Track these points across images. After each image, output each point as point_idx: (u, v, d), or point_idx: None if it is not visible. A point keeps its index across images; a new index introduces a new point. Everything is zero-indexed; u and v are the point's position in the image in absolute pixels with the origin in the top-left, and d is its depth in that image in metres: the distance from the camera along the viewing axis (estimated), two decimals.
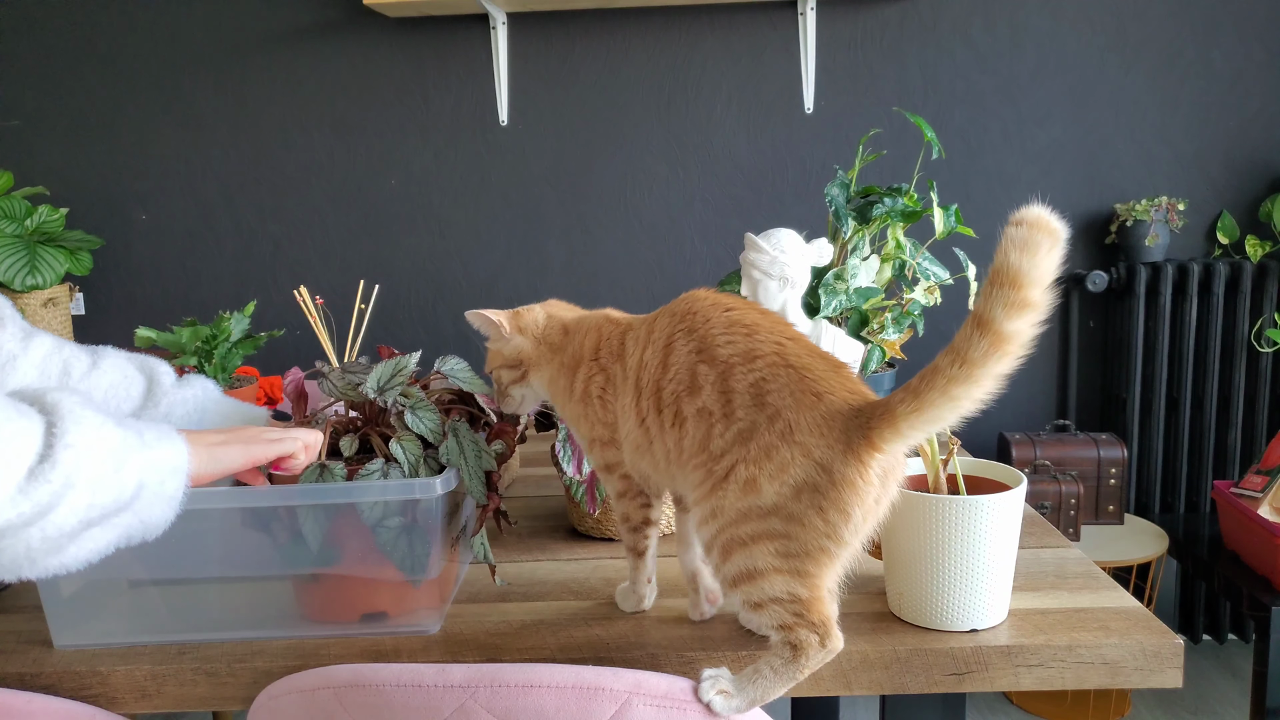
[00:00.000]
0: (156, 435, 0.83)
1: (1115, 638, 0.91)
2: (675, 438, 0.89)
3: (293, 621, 1.00)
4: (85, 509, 0.75)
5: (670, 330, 0.92)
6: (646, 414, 0.92)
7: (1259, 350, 2.55)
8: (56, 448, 0.73)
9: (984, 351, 0.73)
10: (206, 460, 0.88)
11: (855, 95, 2.64)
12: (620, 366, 0.97)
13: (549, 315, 1.07)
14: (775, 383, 0.83)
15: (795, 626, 0.82)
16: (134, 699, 0.94)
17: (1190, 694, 2.47)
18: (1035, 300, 0.72)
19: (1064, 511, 2.30)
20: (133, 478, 0.78)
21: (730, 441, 0.84)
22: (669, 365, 0.90)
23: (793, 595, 0.82)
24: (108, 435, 0.77)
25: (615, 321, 1.02)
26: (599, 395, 0.99)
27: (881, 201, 1.46)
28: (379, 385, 1.02)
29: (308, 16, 2.68)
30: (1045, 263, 0.71)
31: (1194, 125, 2.61)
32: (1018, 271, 0.71)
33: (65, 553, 0.76)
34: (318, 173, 2.75)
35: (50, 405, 0.76)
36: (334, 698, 0.83)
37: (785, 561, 0.82)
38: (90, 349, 1.15)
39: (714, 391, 0.86)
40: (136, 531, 0.82)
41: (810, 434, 0.81)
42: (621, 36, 2.65)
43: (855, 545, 0.82)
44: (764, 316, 0.90)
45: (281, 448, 0.94)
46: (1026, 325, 0.73)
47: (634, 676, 0.80)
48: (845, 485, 0.80)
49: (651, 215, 2.72)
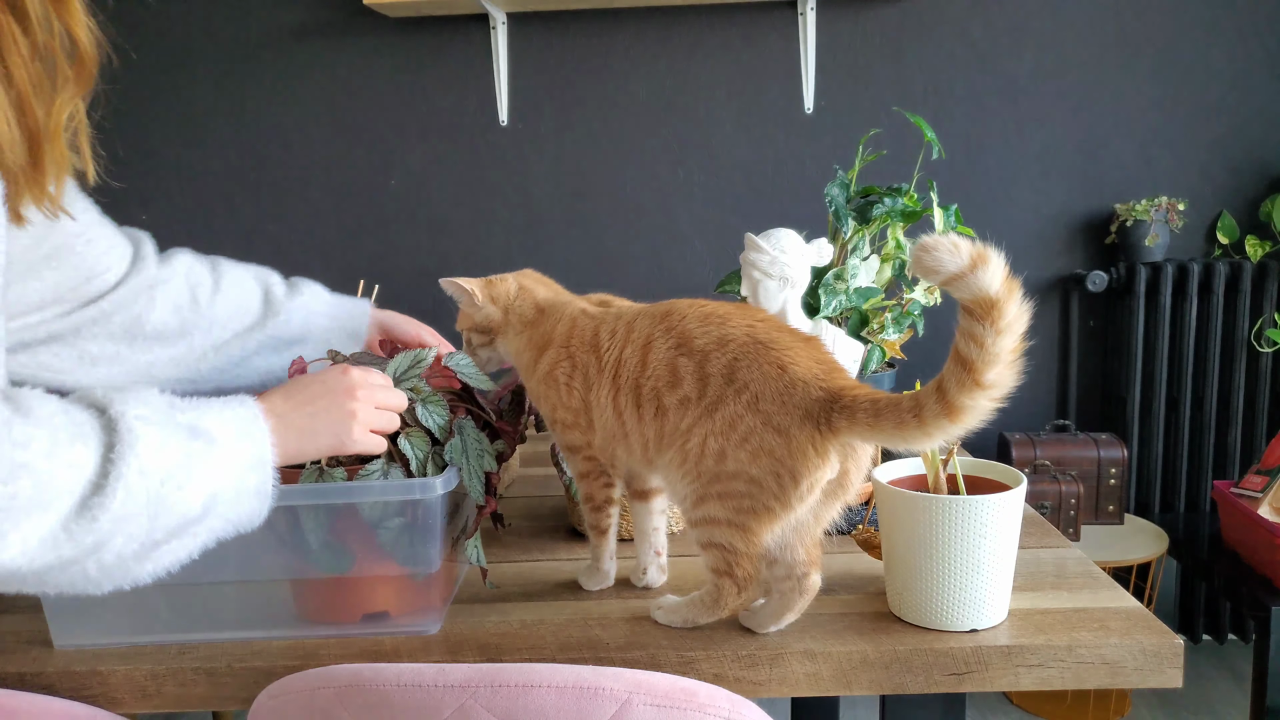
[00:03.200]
0: (235, 430, 0.80)
1: (1115, 638, 0.91)
2: (656, 428, 0.96)
3: (293, 621, 1.00)
4: (145, 534, 0.73)
5: (649, 330, 0.98)
6: (624, 408, 0.98)
7: (1259, 350, 2.55)
8: (110, 478, 0.71)
9: (936, 415, 0.80)
10: (294, 447, 0.86)
11: (855, 95, 2.64)
12: (594, 358, 1.02)
13: (521, 287, 1.14)
14: (745, 359, 0.90)
15: (721, 574, 0.93)
16: (134, 699, 0.94)
17: (1190, 694, 2.47)
18: (991, 380, 0.77)
19: (1064, 511, 2.30)
20: (201, 493, 0.76)
21: (698, 416, 0.92)
22: (648, 363, 0.96)
23: (731, 546, 0.92)
24: (171, 453, 0.74)
25: (590, 315, 1.07)
26: (565, 381, 1.04)
27: (881, 201, 1.46)
28: (395, 376, 1.02)
29: (308, 16, 2.68)
30: (997, 344, 0.75)
31: (1194, 125, 2.61)
32: (969, 359, 0.77)
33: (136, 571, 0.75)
34: (318, 173, 2.74)
35: (113, 419, 0.73)
36: (334, 698, 0.83)
37: (736, 515, 0.91)
38: (212, 265, 1.19)
39: (693, 380, 0.93)
40: (226, 531, 0.80)
41: (772, 402, 0.88)
42: (621, 36, 2.65)
43: (799, 512, 0.90)
44: (737, 308, 0.97)
45: (369, 443, 0.91)
46: (984, 400, 0.78)
47: (634, 676, 0.81)
48: (798, 452, 0.87)
49: (651, 215, 2.72)
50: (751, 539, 0.91)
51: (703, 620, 0.97)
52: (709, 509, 0.92)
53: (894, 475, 1.00)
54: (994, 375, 0.77)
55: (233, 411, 0.82)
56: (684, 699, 0.81)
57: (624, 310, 1.06)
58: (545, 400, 1.07)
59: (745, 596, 0.94)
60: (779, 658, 0.92)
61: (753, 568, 0.93)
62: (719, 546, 0.93)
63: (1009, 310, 0.75)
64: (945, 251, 0.74)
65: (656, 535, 1.09)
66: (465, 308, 1.17)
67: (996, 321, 0.75)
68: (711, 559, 0.94)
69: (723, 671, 0.92)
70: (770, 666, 0.92)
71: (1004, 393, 0.78)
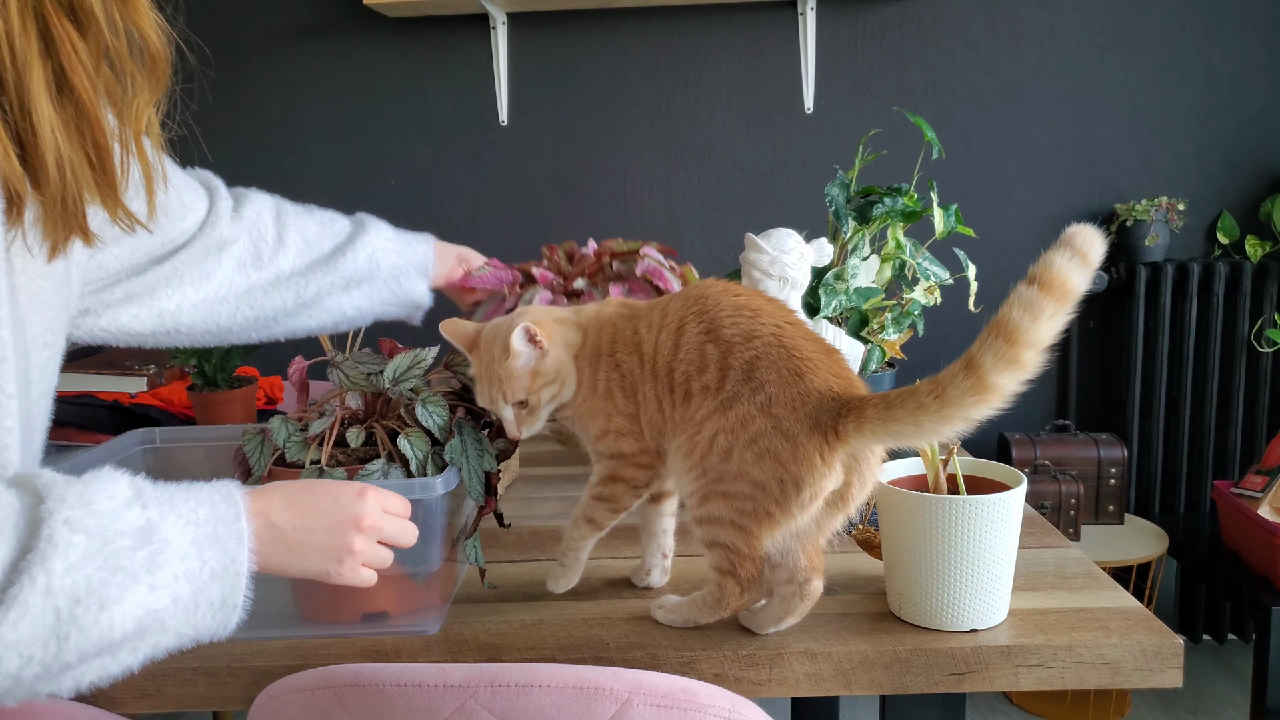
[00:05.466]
0: (203, 534, 0.69)
1: (1115, 638, 0.91)
2: (684, 414, 0.94)
3: (293, 621, 1.00)
4: (50, 658, 0.64)
5: (682, 313, 0.96)
6: (662, 396, 0.96)
7: (1259, 350, 2.55)
8: (8, 595, 0.62)
9: (963, 393, 0.78)
10: (278, 562, 0.75)
11: (855, 95, 2.64)
12: (636, 357, 0.99)
13: (556, 320, 1.03)
14: (766, 360, 0.89)
15: (724, 574, 0.93)
16: (134, 699, 0.94)
17: (1190, 694, 2.47)
18: (1027, 360, 0.76)
19: (1064, 511, 2.30)
20: (133, 611, 0.66)
21: (712, 409, 0.91)
22: (680, 346, 0.95)
23: (734, 546, 0.91)
24: (96, 567, 0.64)
25: (628, 311, 1.03)
26: (620, 387, 0.99)
27: (881, 201, 1.46)
28: (395, 376, 1.02)
29: (308, 16, 2.68)
30: (1046, 327, 0.75)
31: (1194, 125, 2.61)
32: (1015, 329, 0.75)
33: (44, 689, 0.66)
34: (318, 173, 2.74)
35: (38, 520, 0.64)
36: (334, 697, 0.83)
37: (739, 517, 0.90)
38: (276, 212, 1.22)
39: (715, 369, 0.92)
40: (180, 644, 0.71)
41: (785, 408, 0.87)
42: (621, 36, 2.65)
43: (800, 520, 0.89)
44: (770, 303, 0.95)
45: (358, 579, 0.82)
46: (1013, 381, 0.77)
47: (634, 676, 0.81)
48: (804, 460, 0.86)
49: (651, 215, 2.72)
50: (753, 542, 0.91)
51: (705, 620, 0.96)
52: (713, 507, 0.92)
53: (894, 475, 1.00)
54: (1031, 355, 0.76)
55: (209, 509, 0.72)
56: (684, 699, 0.81)
57: (658, 300, 1.03)
58: (599, 416, 1.01)
59: (748, 597, 0.93)
60: (779, 658, 0.92)
61: (755, 569, 0.92)
62: (722, 546, 0.92)
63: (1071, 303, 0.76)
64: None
65: (665, 537, 1.07)
66: (520, 363, 0.99)
67: (1062, 303, 0.75)
68: (715, 558, 0.93)
69: (723, 671, 0.92)
70: (770, 666, 0.92)
71: (1029, 376, 0.77)
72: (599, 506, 1.02)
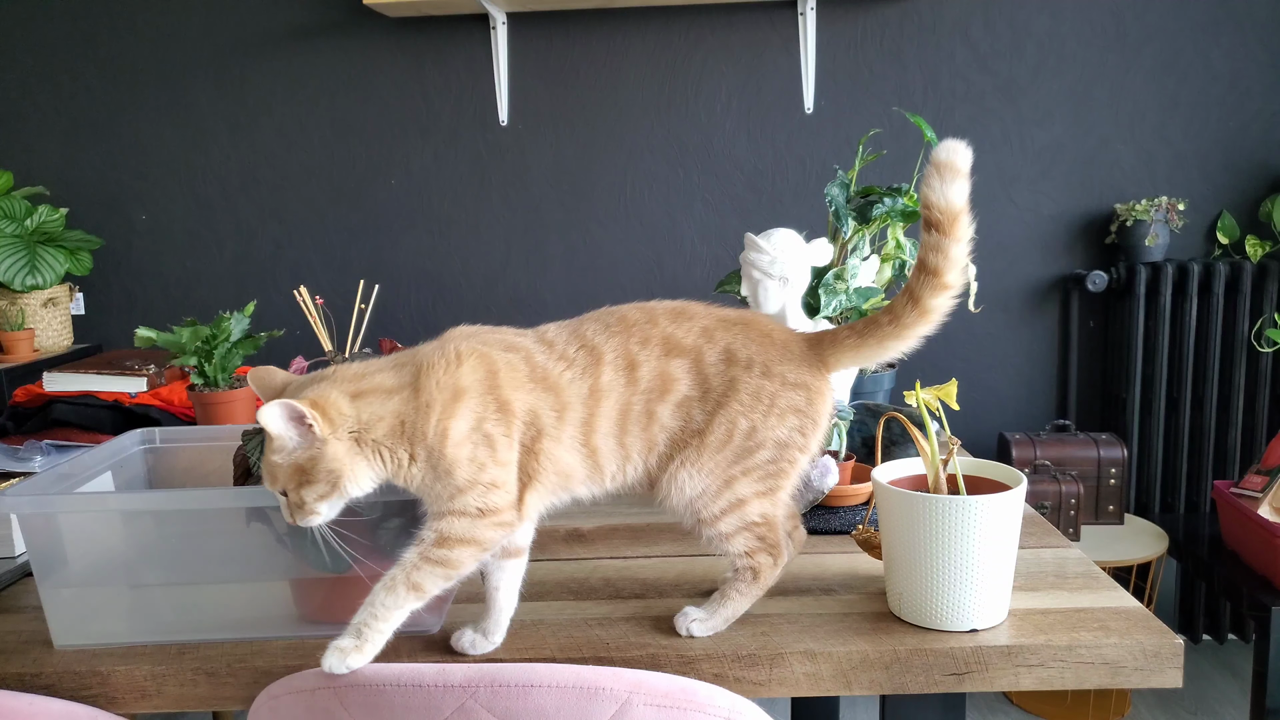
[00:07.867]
0: None
1: (1115, 638, 0.91)
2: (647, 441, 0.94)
3: (293, 622, 1.00)
4: None
5: (623, 347, 0.93)
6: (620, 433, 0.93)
7: (1259, 350, 2.55)
8: None
9: (913, 318, 0.93)
10: None
11: (855, 95, 2.64)
12: (551, 396, 0.91)
13: (360, 392, 0.89)
14: (736, 339, 0.95)
15: (756, 552, 0.96)
16: (134, 699, 0.94)
17: (1190, 694, 2.47)
18: (952, 282, 0.92)
19: (1064, 511, 2.30)
20: None
21: (711, 409, 0.94)
22: (638, 380, 0.93)
23: (765, 517, 0.96)
24: None
25: (510, 348, 0.92)
26: (503, 434, 0.89)
27: (881, 201, 1.46)
28: None
29: (308, 16, 2.68)
30: (955, 252, 0.90)
31: (1194, 125, 2.61)
32: (936, 267, 0.91)
33: None
34: (318, 173, 2.75)
35: None
36: (334, 698, 0.83)
37: (763, 483, 0.95)
38: None
39: (690, 379, 0.94)
40: None
41: (781, 364, 0.95)
42: (621, 36, 2.65)
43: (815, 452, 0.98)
44: (685, 303, 0.99)
45: None
46: (944, 301, 0.93)
47: (634, 676, 0.81)
48: (818, 395, 0.96)
49: (651, 215, 2.72)
50: (778, 499, 0.96)
51: (745, 606, 0.97)
52: (736, 491, 0.94)
53: (894, 475, 1.00)
54: (953, 277, 0.91)
55: None
56: (684, 699, 0.81)
57: (545, 336, 0.95)
58: (464, 466, 0.87)
59: (780, 564, 0.97)
60: (779, 658, 0.92)
61: (777, 534, 0.97)
62: (749, 526, 0.95)
63: (964, 223, 0.90)
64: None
65: (511, 596, 0.96)
66: (281, 459, 0.86)
67: (957, 224, 0.90)
68: (743, 543, 0.95)
69: (723, 671, 0.92)
70: (770, 666, 0.92)
71: (959, 292, 0.93)
72: (433, 571, 0.88)
